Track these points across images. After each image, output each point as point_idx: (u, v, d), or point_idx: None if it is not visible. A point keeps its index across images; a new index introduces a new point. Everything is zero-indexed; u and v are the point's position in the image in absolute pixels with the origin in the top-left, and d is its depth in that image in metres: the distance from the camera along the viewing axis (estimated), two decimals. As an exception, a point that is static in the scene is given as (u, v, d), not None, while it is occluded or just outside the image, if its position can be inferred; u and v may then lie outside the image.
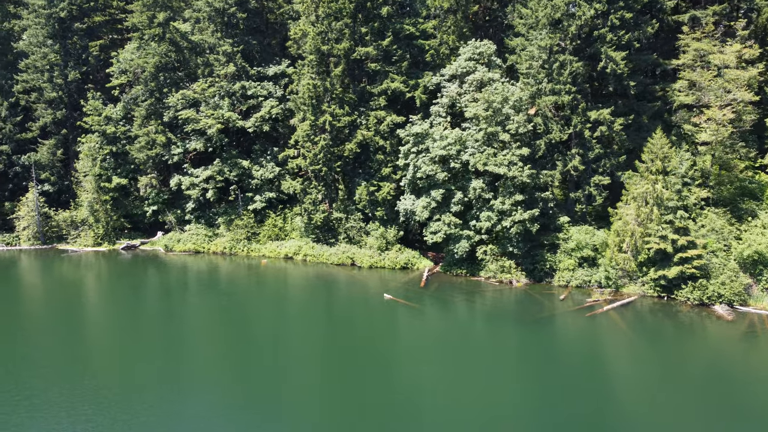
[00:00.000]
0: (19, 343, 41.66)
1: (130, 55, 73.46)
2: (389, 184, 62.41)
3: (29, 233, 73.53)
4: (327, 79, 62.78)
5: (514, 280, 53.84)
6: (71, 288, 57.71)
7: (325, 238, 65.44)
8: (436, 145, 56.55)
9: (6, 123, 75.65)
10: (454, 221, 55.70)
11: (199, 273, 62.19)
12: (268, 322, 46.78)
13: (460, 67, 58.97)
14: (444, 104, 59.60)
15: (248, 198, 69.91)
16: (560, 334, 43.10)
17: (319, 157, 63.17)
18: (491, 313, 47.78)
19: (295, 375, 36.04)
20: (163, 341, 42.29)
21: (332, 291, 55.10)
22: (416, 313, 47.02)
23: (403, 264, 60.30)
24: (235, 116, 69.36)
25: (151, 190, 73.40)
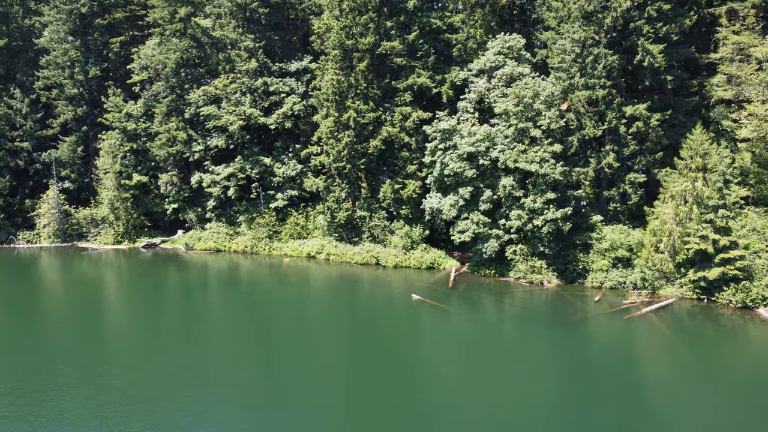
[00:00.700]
0: (43, 342, 40.70)
1: (151, 51, 72.62)
2: (414, 181, 60.96)
3: (49, 231, 72.94)
4: (351, 75, 61.43)
5: (545, 280, 52.13)
6: (92, 286, 56.85)
7: (348, 236, 64.10)
8: (464, 141, 55.00)
9: (27, 120, 75.12)
10: (482, 220, 54.10)
11: (221, 272, 61.12)
12: (292, 321, 45.42)
13: (488, 61, 57.36)
14: (472, 100, 58.03)
15: (270, 196, 68.75)
16: (596, 337, 41.35)
17: (342, 154, 61.83)
18: (522, 315, 46.11)
19: (320, 375, 34.67)
20: (185, 341, 41.08)
21: (358, 291, 53.73)
22: (445, 315, 45.50)
23: (429, 264, 58.77)
24: (257, 113, 68.24)
25: (171, 188, 72.50)
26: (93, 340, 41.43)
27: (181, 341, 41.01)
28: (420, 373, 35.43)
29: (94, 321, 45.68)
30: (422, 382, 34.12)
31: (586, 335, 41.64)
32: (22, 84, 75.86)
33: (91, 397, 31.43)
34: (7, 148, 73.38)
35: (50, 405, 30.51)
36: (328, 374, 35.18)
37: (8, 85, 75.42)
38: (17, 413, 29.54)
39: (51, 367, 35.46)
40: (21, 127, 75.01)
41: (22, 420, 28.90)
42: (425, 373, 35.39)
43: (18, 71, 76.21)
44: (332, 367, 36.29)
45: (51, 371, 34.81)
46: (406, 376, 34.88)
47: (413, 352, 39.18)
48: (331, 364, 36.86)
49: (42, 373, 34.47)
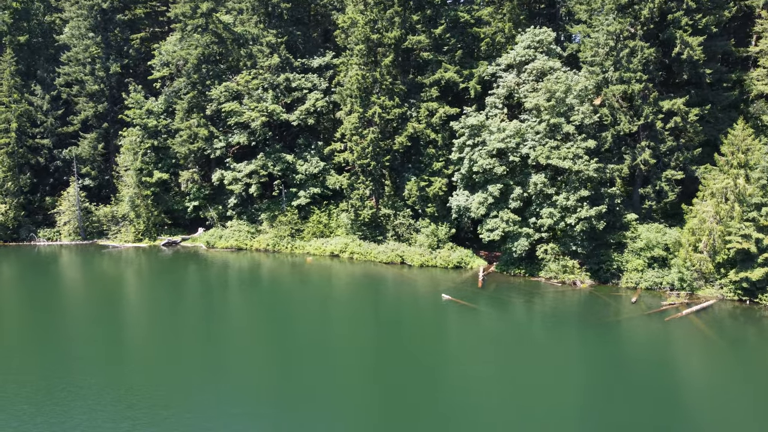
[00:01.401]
0: (66, 340, 39.77)
1: (172, 47, 71.81)
2: (441, 179, 59.60)
3: (70, 228, 72.33)
4: (376, 70, 60.17)
5: (578, 280, 50.57)
6: (114, 285, 56.02)
7: (372, 235, 62.85)
8: (493, 137, 53.57)
9: (47, 117, 74.60)
10: (512, 218, 52.64)
11: (242, 270, 60.10)
12: (316, 320, 44.16)
13: (518, 55, 55.88)
14: (500, 95, 56.57)
15: (292, 194, 67.66)
16: (636, 339, 39.75)
17: (367, 150, 60.59)
18: (556, 316, 44.59)
19: (344, 375, 33.48)
20: (207, 340, 39.89)
21: (384, 290, 52.46)
22: (476, 315, 44.10)
23: (456, 263, 57.38)
24: (279, 109, 67.17)
25: (192, 186, 71.63)
26: (116, 339, 40.44)
27: (203, 340, 39.87)
28: (450, 374, 34.10)
29: (116, 319, 44.76)
30: (453, 382, 32.82)
31: (625, 337, 40.13)
32: (42, 80, 75.35)
33: (120, 398, 30.39)
34: (27, 145, 72.85)
35: (80, 405, 29.50)
36: (353, 374, 34.04)
37: (29, 81, 74.90)
38: (48, 413, 28.54)
39: (77, 366, 34.50)
40: (42, 123, 74.48)
41: (55, 421, 27.88)
42: (456, 374, 34.02)
43: (39, 68, 75.69)
44: (357, 367, 35.11)
45: (77, 370, 33.83)
46: (435, 376, 33.60)
47: (443, 353, 37.85)
48: (356, 363, 35.68)
49: (68, 373, 33.49)
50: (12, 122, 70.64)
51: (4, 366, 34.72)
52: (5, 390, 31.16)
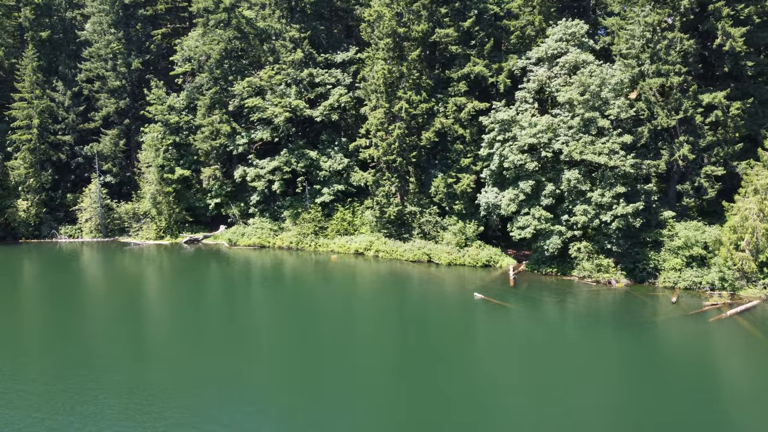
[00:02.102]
0: (90, 338, 38.84)
1: (194, 43, 71.00)
2: (469, 175, 58.26)
3: (91, 225, 71.76)
4: (403, 64, 58.94)
5: (613, 280, 49.00)
6: (136, 282, 55.24)
7: (397, 233, 61.62)
8: (524, 132, 52.15)
9: (69, 113, 74.09)
10: (544, 215, 51.17)
11: (266, 268, 59.07)
12: (344, 319, 42.90)
13: (550, 48, 54.40)
14: (531, 89, 55.12)
15: (315, 190, 66.59)
16: (679, 341, 38.12)
17: (393, 146, 59.39)
18: (594, 315, 43.06)
19: (374, 374, 32.19)
20: (231, 338, 38.72)
21: (414, 288, 51.15)
22: (510, 314, 42.70)
23: (485, 261, 56.02)
24: (303, 104, 66.14)
25: (214, 182, 70.76)
26: (139, 337, 39.48)
27: (226, 338, 38.68)
28: (484, 373, 32.70)
29: (139, 317, 43.90)
30: (487, 383, 31.44)
31: (667, 338, 38.55)
32: (64, 77, 74.87)
33: (144, 397, 29.38)
34: (49, 142, 72.38)
35: (115, 406, 28.52)
36: (380, 372, 32.81)
37: (50, 77, 74.44)
38: (76, 413, 27.59)
39: (101, 365, 33.54)
40: (63, 120, 73.98)
41: (82, 420, 26.92)
42: (489, 373, 32.62)
43: (60, 64, 75.21)
44: (384, 366, 33.83)
45: (101, 368, 32.89)
46: (468, 376, 32.25)
47: (476, 353, 36.47)
48: (383, 362, 34.41)
49: (93, 371, 32.53)
50: (34, 118, 70.18)
51: (31, 365, 33.84)
52: (34, 389, 30.24)
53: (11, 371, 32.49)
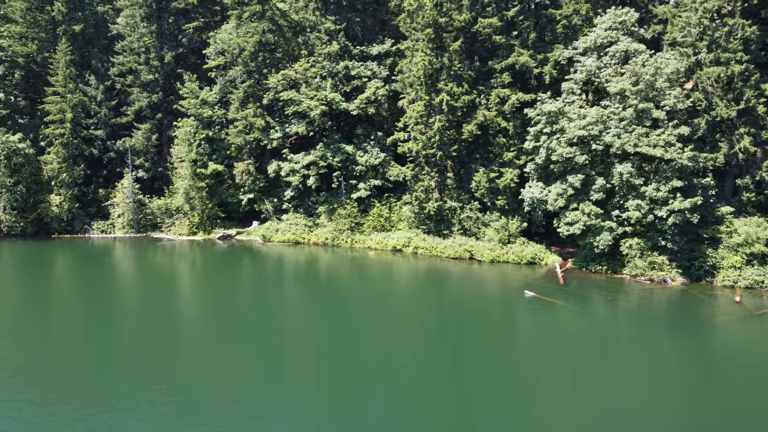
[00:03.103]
0: (122, 335, 37.72)
1: (227, 36, 69.82)
2: (512, 170, 56.37)
3: (124, 221, 70.98)
4: (444, 55, 57.18)
5: (668, 278, 46.83)
6: (172, 278, 54.24)
7: (437, 229, 59.87)
8: (572, 125, 50.12)
9: (101, 107, 73.38)
10: (594, 210, 49.11)
11: (302, 264, 57.68)
12: (385, 317, 41.21)
13: (598, 37, 52.29)
14: (578, 80, 53.04)
15: (351, 186, 65.10)
16: (745, 342, 36.05)
17: (433, 140, 57.67)
18: (651, 315, 41.03)
19: (412, 373, 30.52)
20: (266, 335, 37.26)
21: (459, 286, 49.38)
22: (565, 313, 40.81)
23: (530, 259, 54.08)
24: (339, 98, 64.65)
25: (247, 178, 69.54)
26: (173, 333, 38.24)
27: (262, 336, 37.18)
28: (538, 372, 30.86)
29: (174, 314, 42.82)
30: (540, 381, 29.65)
31: (733, 339, 36.56)
32: (96, 71, 74.17)
33: (179, 396, 28.04)
34: (82, 136, 71.71)
35: (140, 402, 27.22)
36: (428, 373, 31.19)
37: (83, 72, 73.80)
38: (111, 412, 26.32)
39: (135, 362, 32.33)
40: (95, 114, 73.29)
41: (117, 419, 25.65)
42: (544, 372, 30.77)
43: (93, 58, 74.55)
44: (434, 366, 32.12)
45: (135, 366, 31.66)
46: (522, 375, 30.55)
47: (530, 351, 34.59)
48: (432, 362, 32.73)
49: (127, 368, 31.31)
50: (67, 113, 69.53)
51: (67, 362, 32.66)
52: (70, 387, 29.03)
53: (46, 366, 31.40)
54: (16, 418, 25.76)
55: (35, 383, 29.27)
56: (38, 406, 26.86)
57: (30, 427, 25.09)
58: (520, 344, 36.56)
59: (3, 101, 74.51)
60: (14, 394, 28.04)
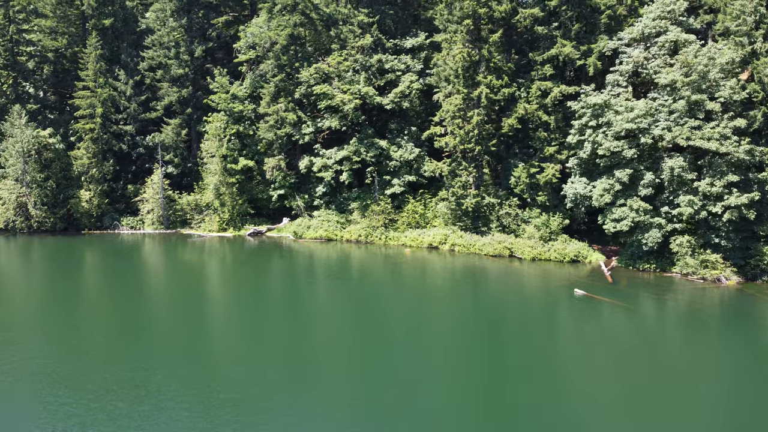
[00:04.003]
0: (154, 332, 36.67)
1: (258, 29, 68.74)
2: (554, 165, 54.68)
3: (153, 217, 70.19)
4: (483, 47, 55.62)
5: (722, 277, 44.92)
6: (204, 275, 53.23)
7: (474, 226, 58.32)
8: (620, 117, 48.37)
9: (131, 102, 72.67)
10: (642, 206, 47.31)
11: (336, 262, 56.30)
12: (428, 315, 39.81)
13: (646, 27, 50.46)
14: (624, 71, 51.25)
15: (385, 181, 63.72)
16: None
17: (471, 134, 56.12)
18: (709, 315, 39.22)
19: (451, 375, 29.04)
20: (301, 334, 35.84)
21: (504, 284, 47.66)
22: (619, 312, 39.08)
23: (573, 257, 52.35)
24: (373, 91, 63.30)
25: (277, 173, 68.38)
26: (204, 330, 37.20)
27: (296, 335, 35.81)
28: (595, 372, 29.29)
29: (206, 311, 41.86)
30: (598, 381, 28.02)
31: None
32: (126, 65, 73.49)
33: (210, 395, 26.80)
34: (111, 131, 71.05)
35: (169, 401, 26.01)
36: (486, 373, 29.61)
37: (113, 66, 73.17)
38: (144, 411, 25.14)
39: (167, 359, 31.19)
40: (125, 109, 72.59)
41: (148, 417, 24.46)
42: (603, 373, 29.20)
43: (122, 52, 73.89)
44: (489, 366, 30.61)
45: (167, 363, 30.51)
46: (579, 375, 28.88)
47: (588, 351, 32.96)
48: (488, 362, 31.19)
49: (160, 365, 30.17)
50: (97, 107, 68.87)
51: (100, 359, 31.53)
52: (102, 384, 27.91)
53: (82, 365, 30.37)
54: (71, 415, 24.72)
55: (77, 381, 28.24)
56: (79, 404, 25.83)
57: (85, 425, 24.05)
58: (577, 344, 34.93)
59: (33, 96, 74.03)
60: (65, 392, 26.98)
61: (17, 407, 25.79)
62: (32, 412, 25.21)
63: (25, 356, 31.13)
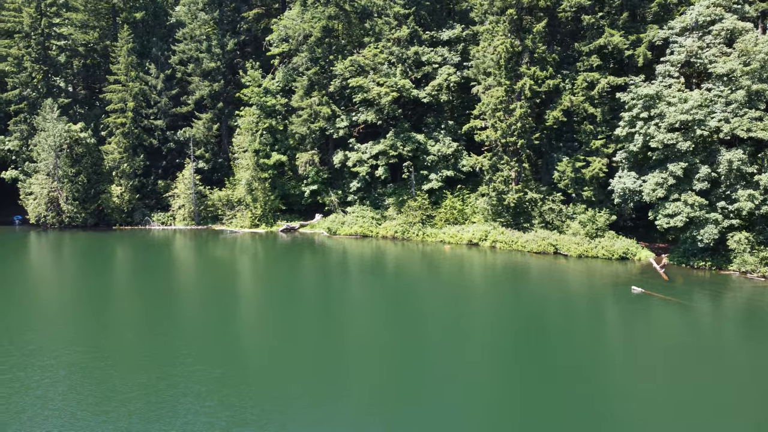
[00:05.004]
0: (192, 328, 35.44)
1: (291, 22, 67.48)
2: (600, 159, 52.82)
3: (184, 213, 69.22)
4: (526, 37, 53.89)
5: (784, 275, 42.93)
6: (239, 272, 52.10)
7: (515, 222, 56.62)
8: (673, 109, 46.45)
9: (161, 97, 71.76)
10: (698, 201, 45.36)
11: (374, 259, 54.80)
12: (487, 316, 38.27)
13: (700, 15, 48.46)
14: (676, 61, 49.26)
15: (422, 176, 62.17)
16: None
17: (514, 127, 54.40)
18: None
19: (497, 376, 27.41)
20: (338, 333, 34.59)
21: (556, 282, 45.75)
22: (681, 310, 37.25)
23: (621, 254, 50.48)
24: (410, 84, 61.77)
25: (310, 168, 67.08)
26: (241, 329, 36.17)
27: (334, 334, 34.60)
28: (663, 372, 27.57)
29: (245, 309, 40.69)
30: (664, 382, 26.30)
31: None
32: (156, 59, 72.62)
33: (239, 396, 25.44)
34: (142, 126, 70.20)
35: (190, 400, 24.68)
36: (539, 374, 27.96)
37: (143, 60, 72.32)
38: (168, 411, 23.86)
39: (202, 357, 29.94)
40: (155, 104, 71.70)
41: (172, 418, 23.15)
42: (675, 374, 27.48)
43: (153, 46, 73.02)
44: (553, 365, 28.98)
45: (202, 360, 29.26)
46: (651, 375, 27.16)
47: (654, 350, 31.19)
48: (553, 361, 29.56)
49: (195, 362, 28.90)
50: (129, 102, 68.01)
51: (126, 355, 30.35)
52: (130, 382, 26.70)
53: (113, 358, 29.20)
54: (126, 411, 23.52)
55: (118, 376, 27.09)
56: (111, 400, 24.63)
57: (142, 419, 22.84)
58: (641, 342, 33.14)
59: (64, 90, 73.40)
60: (119, 385, 25.83)
61: (83, 401, 24.60)
62: (94, 405, 24.05)
63: (75, 351, 30.08)
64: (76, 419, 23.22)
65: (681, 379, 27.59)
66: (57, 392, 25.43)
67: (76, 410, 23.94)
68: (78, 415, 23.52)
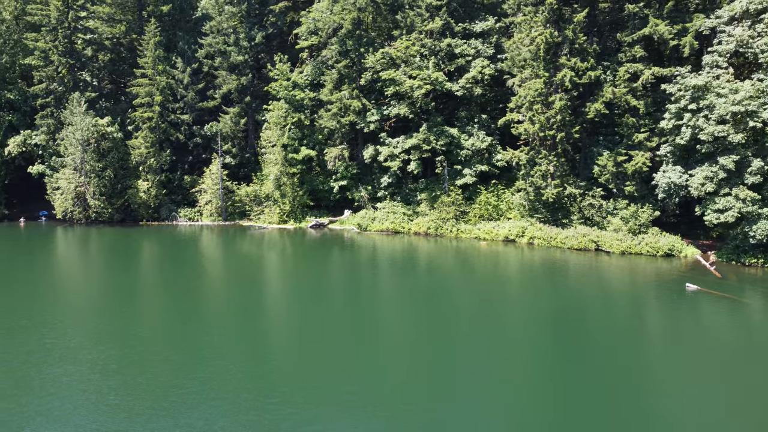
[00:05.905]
0: (225, 325, 34.26)
1: (320, 14, 66.40)
2: (643, 153, 51.28)
3: (211, 208, 68.30)
4: (566, 28, 52.47)
5: (844, 272, 41.25)
6: (272, 269, 50.87)
7: (553, 217, 55.18)
8: (723, 100, 44.86)
9: (188, 91, 70.86)
10: (750, 196, 43.76)
11: (406, 254, 53.32)
12: (537, 315, 36.69)
13: (750, 3, 46.84)
14: (725, 51, 47.67)
15: (455, 171, 60.84)
16: None
17: (553, 120, 52.97)
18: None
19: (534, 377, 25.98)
20: (369, 328, 33.17)
21: (603, 279, 43.86)
22: (745, 309, 35.67)
23: (666, 251, 48.90)
24: (443, 77, 60.45)
25: (339, 164, 65.94)
26: (268, 326, 34.61)
27: (364, 327, 33.35)
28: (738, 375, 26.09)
29: (276, 306, 39.17)
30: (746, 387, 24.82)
31: None
32: (183, 53, 71.77)
33: (261, 396, 24.17)
34: (169, 120, 69.34)
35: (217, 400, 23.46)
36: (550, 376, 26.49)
37: (170, 54, 71.50)
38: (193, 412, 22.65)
39: (227, 354, 28.73)
40: (182, 98, 70.81)
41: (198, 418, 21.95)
42: None
43: (179, 40, 72.19)
44: (614, 365, 27.54)
45: (227, 357, 28.04)
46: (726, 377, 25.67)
47: (712, 350, 29.69)
48: (611, 361, 28.11)
49: (222, 358, 27.71)
50: (155, 96, 67.23)
51: (153, 350, 29.19)
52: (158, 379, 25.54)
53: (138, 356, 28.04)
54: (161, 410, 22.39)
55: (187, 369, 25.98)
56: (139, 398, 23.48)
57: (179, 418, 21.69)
58: (706, 340, 31.62)
59: (90, 84, 72.74)
60: (174, 380, 24.71)
61: (138, 397, 23.52)
62: (151, 400, 22.95)
63: (119, 345, 29.01)
64: (133, 414, 22.12)
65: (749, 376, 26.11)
66: (110, 387, 24.39)
67: (133, 405, 22.86)
68: (134, 410, 22.43)
